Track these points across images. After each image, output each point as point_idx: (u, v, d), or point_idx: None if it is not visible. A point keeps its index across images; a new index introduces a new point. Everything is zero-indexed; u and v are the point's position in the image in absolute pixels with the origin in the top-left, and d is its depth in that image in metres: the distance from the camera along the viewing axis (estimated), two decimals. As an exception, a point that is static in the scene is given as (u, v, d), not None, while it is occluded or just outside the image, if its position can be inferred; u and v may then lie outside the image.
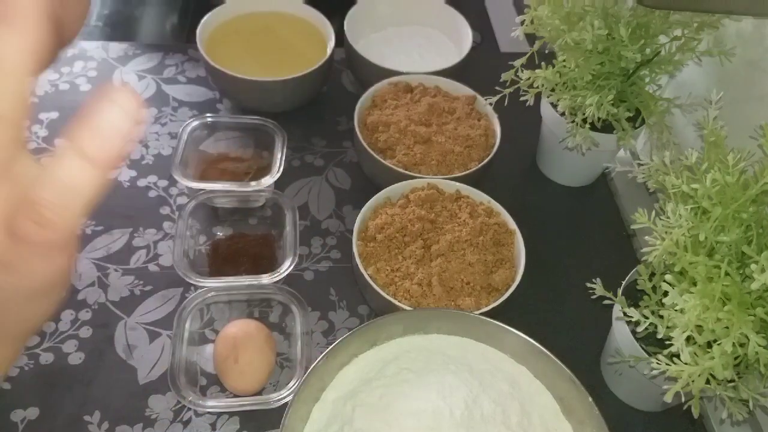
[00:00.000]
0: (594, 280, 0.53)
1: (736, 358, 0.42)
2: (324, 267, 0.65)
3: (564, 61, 0.63)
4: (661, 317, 0.45)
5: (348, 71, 0.83)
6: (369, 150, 0.65)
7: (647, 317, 0.46)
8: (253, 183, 0.63)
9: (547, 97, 0.67)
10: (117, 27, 0.91)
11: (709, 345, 0.42)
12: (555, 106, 0.67)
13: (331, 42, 0.76)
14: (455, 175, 0.64)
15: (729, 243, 0.44)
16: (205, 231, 0.64)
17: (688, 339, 0.42)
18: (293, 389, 0.51)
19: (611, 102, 0.61)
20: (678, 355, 0.42)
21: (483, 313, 0.52)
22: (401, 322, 0.51)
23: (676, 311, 0.43)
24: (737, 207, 0.44)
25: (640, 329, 0.47)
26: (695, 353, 0.42)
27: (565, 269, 0.68)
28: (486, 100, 0.70)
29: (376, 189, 0.62)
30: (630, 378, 0.56)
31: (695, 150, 0.48)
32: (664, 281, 0.45)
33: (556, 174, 0.76)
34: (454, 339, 0.52)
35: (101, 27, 0.90)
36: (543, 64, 0.64)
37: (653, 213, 0.47)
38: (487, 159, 0.66)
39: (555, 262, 0.68)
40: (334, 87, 0.82)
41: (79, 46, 0.82)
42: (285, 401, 0.51)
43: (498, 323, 0.51)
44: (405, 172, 0.63)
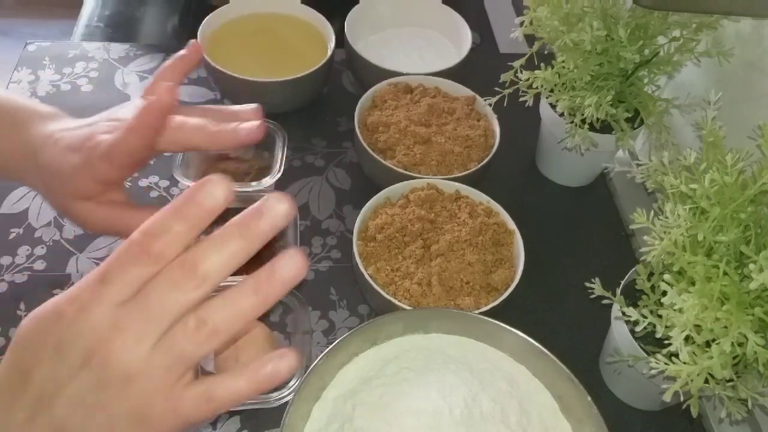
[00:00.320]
0: (593, 279, 0.54)
1: (734, 357, 0.42)
2: (324, 267, 0.65)
3: (563, 62, 0.63)
4: (660, 317, 0.45)
5: (348, 72, 0.84)
6: (369, 150, 0.65)
7: (646, 317, 0.46)
8: (254, 183, 0.63)
9: (546, 98, 0.68)
10: (118, 28, 0.91)
11: (708, 344, 0.42)
12: (554, 106, 0.68)
13: (332, 43, 0.76)
14: (455, 176, 0.64)
15: (727, 243, 0.44)
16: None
17: (686, 338, 0.42)
18: (294, 388, 0.51)
19: (610, 102, 0.61)
20: (677, 355, 0.42)
21: (482, 313, 0.52)
22: (401, 321, 0.51)
23: (674, 311, 0.43)
24: (736, 207, 0.45)
25: (638, 329, 0.47)
26: (694, 353, 0.42)
27: (564, 269, 0.68)
28: (485, 100, 0.70)
29: (376, 189, 0.62)
30: (629, 377, 0.56)
31: (694, 150, 0.48)
32: (662, 281, 0.45)
33: (555, 174, 0.76)
34: (453, 338, 0.52)
35: (102, 28, 0.91)
36: (542, 64, 0.64)
37: (652, 213, 0.47)
38: (487, 159, 0.66)
39: (554, 261, 0.68)
40: (334, 88, 0.83)
41: (80, 46, 0.82)
42: (285, 400, 0.51)
43: (497, 322, 0.51)
44: (405, 172, 0.63)
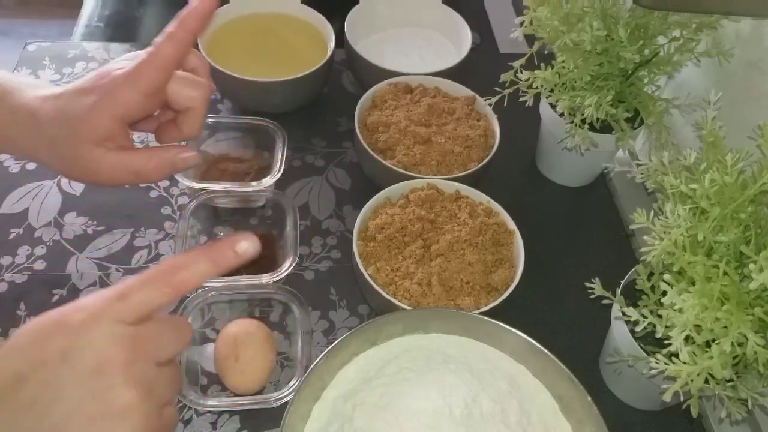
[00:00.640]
0: (593, 279, 0.54)
1: (734, 357, 0.42)
2: (324, 267, 0.65)
3: (563, 62, 0.63)
4: (660, 317, 0.45)
5: (348, 72, 0.84)
6: (369, 150, 0.65)
7: (646, 317, 0.46)
8: (254, 183, 0.63)
9: (546, 98, 0.68)
10: (118, 28, 0.91)
11: (708, 344, 0.42)
12: (554, 106, 0.68)
13: (332, 43, 0.76)
14: (455, 176, 0.64)
15: (727, 243, 0.44)
16: (206, 231, 0.65)
17: (686, 338, 0.42)
18: (294, 388, 0.51)
19: (610, 102, 0.61)
20: (677, 355, 0.42)
21: (482, 313, 0.52)
22: (401, 321, 0.51)
23: (674, 311, 0.43)
24: (735, 207, 0.45)
25: (638, 329, 0.47)
26: (694, 353, 0.42)
27: (564, 269, 0.68)
28: (485, 100, 0.70)
29: (376, 189, 0.62)
30: (629, 377, 0.56)
31: (694, 150, 0.48)
32: (662, 281, 0.45)
33: (555, 174, 0.76)
34: (453, 338, 0.52)
35: (102, 28, 0.91)
36: (542, 64, 0.64)
37: (652, 213, 0.47)
38: (487, 159, 0.66)
39: (554, 261, 0.68)
40: (334, 88, 0.83)
41: (81, 47, 0.82)
42: (285, 400, 0.51)
43: (497, 323, 0.51)
44: (405, 172, 0.63)
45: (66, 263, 0.62)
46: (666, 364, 0.42)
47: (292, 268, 0.58)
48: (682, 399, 0.45)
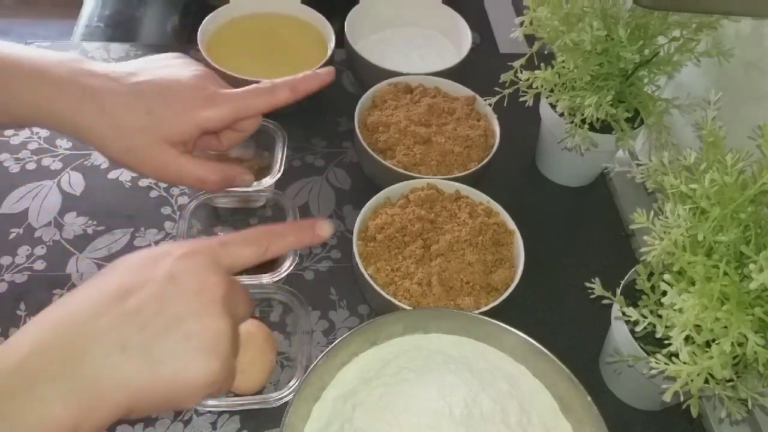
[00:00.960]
0: (593, 279, 0.54)
1: (734, 357, 0.42)
2: (324, 267, 0.65)
3: (563, 62, 0.63)
4: (660, 317, 0.45)
5: (348, 72, 0.84)
6: (369, 150, 0.65)
7: (646, 317, 0.46)
8: (254, 183, 0.63)
9: (546, 98, 0.68)
10: (118, 28, 0.91)
11: (708, 344, 0.42)
12: (554, 106, 0.68)
13: (332, 43, 0.76)
14: (455, 176, 0.64)
15: (727, 243, 0.44)
16: (206, 231, 0.65)
17: (686, 338, 0.42)
18: (294, 388, 0.51)
19: (610, 102, 0.61)
20: (677, 355, 0.42)
21: (482, 313, 0.52)
22: (401, 321, 0.51)
23: (674, 311, 0.43)
24: (736, 207, 0.45)
25: (638, 329, 0.47)
26: (694, 353, 0.42)
27: (564, 269, 0.68)
28: (485, 100, 0.70)
29: (376, 189, 0.62)
30: (629, 377, 0.56)
31: (694, 150, 0.48)
32: (662, 281, 0.45)
33: (555, 174, 0.76)
34: (453, 338, 0.52)
35: (102, 28, 0.91)
36: (542, 64, 0.64)
37: (652, 213, 0.47)
38: (487, 159, 0.66)
39: (554, 261, 0.68)
40: (334, 88, 0.82)
41: (81, 47, 0.82)
42: (285, 400, 0.51)
43: (497, 323, 0.51)
44: (405, 172, 0.63)
45: (66, 263, 0.62)
46: (666, 364, 0.42)
47: (292, 268, 0.58)
48: (682, 399, 0.45)
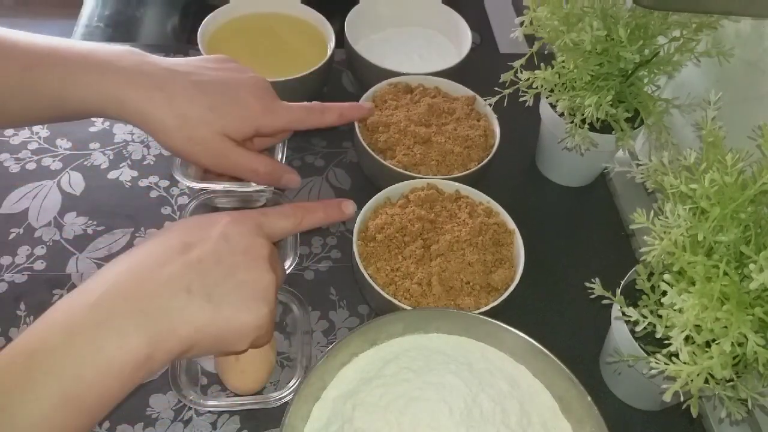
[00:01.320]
0: (593, 279, 0.53)
1: (734, 357, 0.42)
2: (324, 267, 0.65)
3: (563, 62, 0.63)
4: (660, 317, 0.45)
5: (348, 72, 0.84)
6: (369, 150, 0.65)
7: (646, 317, 0.46)
8: (254, 183, 0.63)
9: (546, 98, 0.68)
10: (118, 28, 0.91)
11: (708, 344, 0.42)
12: (554, 106, 0.68)
13: (332, 43, 0.76)
14: (455, 176, 0.64)
15: (727, 243, 0.44)
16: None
17: (686, 338, 0.42)
18: (294, 388, 0.51)
19: (610, 102, 0.61)
20: (677, 355, 0.42)
21: (482, 313, 0.52)
22: (401, 321, 0.51)
23: (674, 311, 0.43)
24: (736, 207, 0.45)
25: (638, 329, 0.47)
26: (694, 353, 0.42)
27: (564, 269, 0.68)
28: (485, 100, 0.70)
29: (376, 189, 0.62)
30: (629, 377, 0.56)
31: (694, 150, 0.48)
32: (662, 281, 0.45)
33: (555, 174, 0.76)
34: (453, 338, 0.52)
35: (102, 28, 0.91)
36: (542, 64, 0.64)
37: (652, 213, 0.47)
38: (487, 159, 0.66)
39: (554, 261, 0.68)
40: (334, 88, 0.83)
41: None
42: (285, 400, 0.51)
43: (497, 323, 0.51)
44: (405, 172, 0.63)
45: (66, 263, 0.62)
46: (666, 364, 0.42)
47: (292, 268, 0.58)
48: (682, 399, 0.45)
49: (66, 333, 0.37)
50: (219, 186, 0.63)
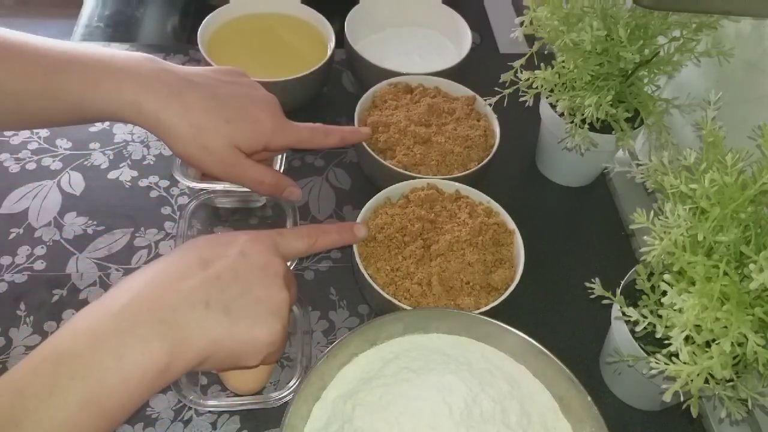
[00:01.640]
0: (593, 279, 0.53)
1: (734, 357, 0.42)
2: (324, 267, 0.65)
3: (563, 62, 0.63)
4: (660, 317, 0.45)
5: (348, 72, 0.84)
6: (369, 150, 0.65)
7: (646, 317, 0.46)
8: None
9: (546, 98, 0.68)
10: (118, 28, 0.91)
11: (708, 344, 0.42)
12: (554, 106, 0.68)
13: (332, 43, 0.76)
14: (455, 176, 0.64)
15: (727, 243, 0.44)
16: (207, 231, 0.65)
17: (686, 338, 0.42)
18: (294, 388, 0.51)
19: (610, 102, 0.61)
20: (677, 355, 0.42)
21: (482, 313, 0.52)
22: (401, 321, 0.51)
23: (674, 311, 0.43)
24: (736, 207, 0.45)
25: (638, 329, 0.47)
26: (694, 353, 0.42)
27: (564, 269, 0.68)
28: (485, 100, 0.70)
29: (376, 189, 0.62)
30: (629, 377, 0.56)
31: (694, 150, 0.48)
32: (662, 281, 0.45)
33: (555, 174, 0.76)
34: (453, 338, 0.52)
35: (102, 28, 0.91)
36: (542, 64, 0.64)
37: (652, 213, 0.47)
38: (487, 159, 0.66)
39: (554, 261, 0.68)
40: (334, 88, 0.83)
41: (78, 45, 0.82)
42: (285, 400, 0.51)
43: (497, 323, 0.51)
44: (405, 172, 0.63)
45: (66, 263, 0.62)
46: (666, 364, 0.42)
47: (292, 268, 0.58)
48: (682, 399, 0.45)
49: (91, 340, 0.38)
50: (219, 186, 0.63)
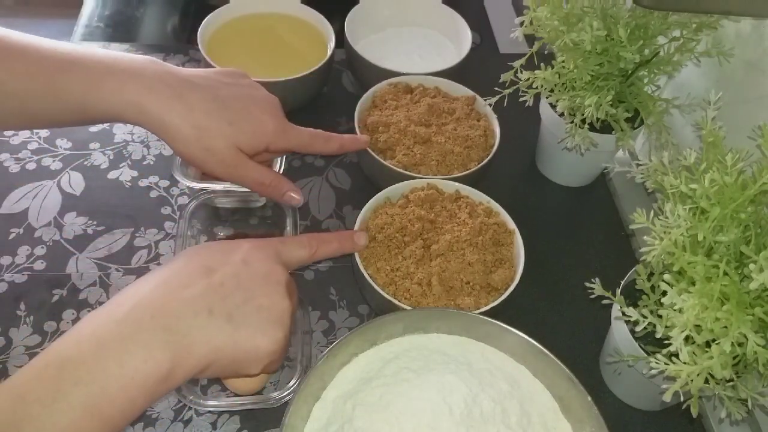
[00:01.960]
0: (593, 279, 0.53)
1: (734, 357, 0.42)
2: (324, 267, 0.65)
3: (563, 62, 0.63)
4: (660, 317, 0.45)
5: (348, 72, 0.84)
6: (369, 150, 0.65)
7: (646, 317, 0.46)
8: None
9: (546, 98, 0.68)
10: (118, 28, 0.91)
11: (708, 344, 0.42)
12: (554, 106, 0.68)
13: (332, 43, 0.76)
14: (455, 176, 0.64)
15: (727, 243, 0.44)
16: (206, 231, 0.64)
17: (686, 338, 0.42)
18: (294, 388, 0.51)
19: (610, 102, 0.61)
20: (677, 355, 0.42)
21: (482, 313, 0.52)
22: (401, 321, 0.51)
23: (674, 311, 0.43)
24: (736, 207, 0.45)
25: (638, 329, 0.47)
26: (694, 353, 0.42)
27: (564, 269, 0.68)
28: (485, 100, 0.70)
29: (376, 189, 0.62)
30: (629, 377, 0.56)
31: (694, 150, 0.48)
32: (662, 281, 0.45)
33: (555, 174, 0.76)
34: (453, 338, 0.52)
35: (102, 28, 0.90)
36: (542, 64, 0.64)
37: (652, 213, 0.47)
38: (487, 159, 0.66)
39: (554, 261, 0.68)
40: (334, 88, 0.83)
41: (80, 46, 0.82)
42: (285, 400, 0.51)
43: (497, 323, 0.51)
44: (405, 172, 0.63)
45: (66, 263, 0.62)
46: (666, 364, 0.42)
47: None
48: (682, 399, 0.45)
49: (94, 346, 0.39)
50: (219, 186, 0.63)
